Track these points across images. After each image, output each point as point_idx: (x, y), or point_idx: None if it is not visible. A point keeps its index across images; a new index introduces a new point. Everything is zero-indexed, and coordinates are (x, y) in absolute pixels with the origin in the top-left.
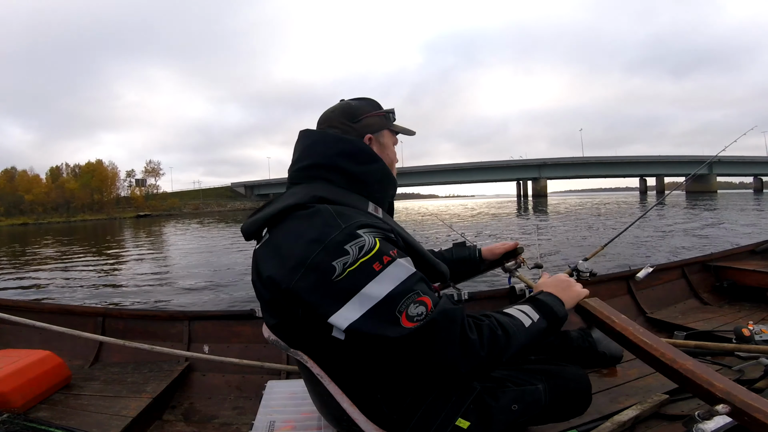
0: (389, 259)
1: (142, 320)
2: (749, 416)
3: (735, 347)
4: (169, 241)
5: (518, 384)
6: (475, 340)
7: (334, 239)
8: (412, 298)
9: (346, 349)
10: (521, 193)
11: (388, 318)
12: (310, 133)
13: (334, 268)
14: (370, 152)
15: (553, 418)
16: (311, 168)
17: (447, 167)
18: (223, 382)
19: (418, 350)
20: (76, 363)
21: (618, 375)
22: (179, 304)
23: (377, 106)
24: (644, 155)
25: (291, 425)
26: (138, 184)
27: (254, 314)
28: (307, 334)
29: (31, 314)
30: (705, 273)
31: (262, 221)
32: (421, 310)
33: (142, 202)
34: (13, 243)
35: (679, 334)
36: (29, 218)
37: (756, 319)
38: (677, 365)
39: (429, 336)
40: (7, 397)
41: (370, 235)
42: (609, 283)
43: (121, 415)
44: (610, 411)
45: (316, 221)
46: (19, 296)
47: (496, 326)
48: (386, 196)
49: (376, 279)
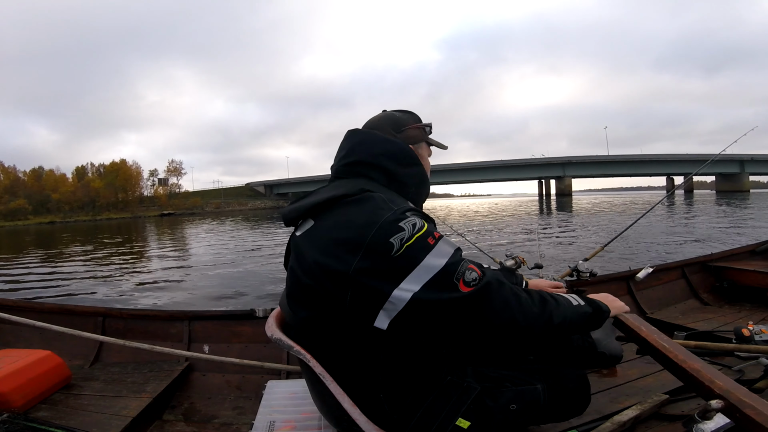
0: (439, 235)
1: (143, 320)
2: (741, 413)
3: (735, 347)
4: (199, 241)
5: (517, 384)
6: (527, 299)
7: (387, 219)
8: (465, 265)
9: (372, 344)
10: (543, 192)
11: (448, 286)
12: (358, 132)
13: (392, 245)
14: (413, 155)
15: (553, 417)
16: (356, 164)
17: (468, 166)
18: (223, 382)
19: (479, 310)
20: (76, 363)
21: (618, 375)
22: (197, 302)
23: (418, 119)
24: (672, 153)
25: (291, 425)
26: (161, 183)
27: (254, 314)
28: (335, 326)
29: (31, 314)
30: (705, 273)
31: (307, 208)
32: (474, 276)
33: (165, 201)
34: (45, 240)
35: (679, 335)
36: (56, 216)
37: (756, 320)
38: (687, 365)
39: (487, 296)
40: (7, 397)
41: (418, 217)
42: (609, 283)
43: (121, 415)
44: (610, 411)
45: (368, 206)
46: (43, 291)
47: (546, 294)
48: (420, 199)
49: (432, 252)
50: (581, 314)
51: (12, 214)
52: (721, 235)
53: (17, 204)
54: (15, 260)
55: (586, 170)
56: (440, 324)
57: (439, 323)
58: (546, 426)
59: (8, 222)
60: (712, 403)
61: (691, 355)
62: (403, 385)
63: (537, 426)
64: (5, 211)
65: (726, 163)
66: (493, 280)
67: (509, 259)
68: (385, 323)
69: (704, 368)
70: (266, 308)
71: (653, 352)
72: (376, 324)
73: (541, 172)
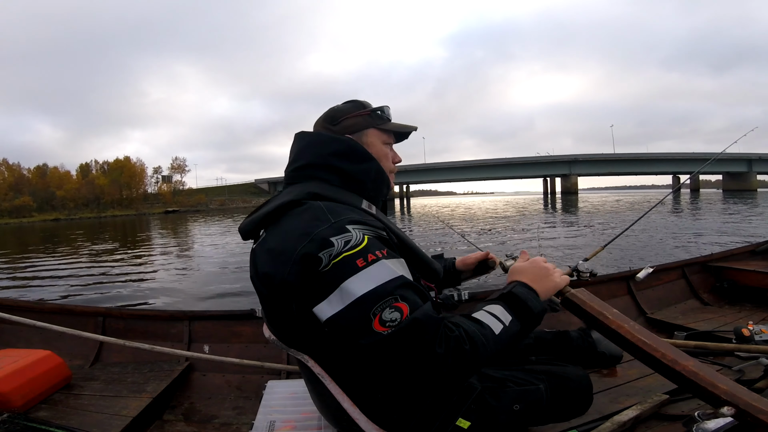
0: (374, 258)
1: (143, 320)
2: (753, 418)
3: (735, 347)
4: (201, 238)
5: (519, 384)
6: (441, 356)
7: (321, 232)
8: (389, 302)
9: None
10: (548, 190)
11: (362, 318)
12: (305, 135)
13: (320, 260)
14: (363, 151)
15: (554, 418)
16: (306, 168)
17: (474, 163)
18: (224, 382)
19: (386, 356)
20: (76, 363)
21: (618, 375)
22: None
23: (361, 106)
24: (679, 152)
25: (291, 425)
26: (164, 180)
27: (254, 314)
28: (303, 331)
29: (32, 314)
30: (705, 273)
31: (259, 220)
32: (395, 317)
33: (170, 198)
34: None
35: (680, 335)
36: (61, 214)
37: (756, 320)
38: (679, 366)
39: (397, 345)
40: (8, 397)
41: (359, 231)
42: (609, 283)
43: (121, 415)
44: (611, 411)
45: (306, 216)
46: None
47: (465, 339)
48: (379, 195)
49: (357, 275)
50: (507, 338)
51: (17, 211)
52: (724, 235)
53: (22, 201)
54: (19, 260)
55: (592, 168)
56: (358, 354)
57: (350, 352)
58: (546, 426)
59: (13, 219)
60: (723, 410)
61: (682, 354)
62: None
63: (538, 426)
64: (10, 208)
65: (733, 162)
66: (412, 328)
67: (509, 259)
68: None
69: (699, 368)
70: None
71: (612, 335)
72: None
73: (547, 170)
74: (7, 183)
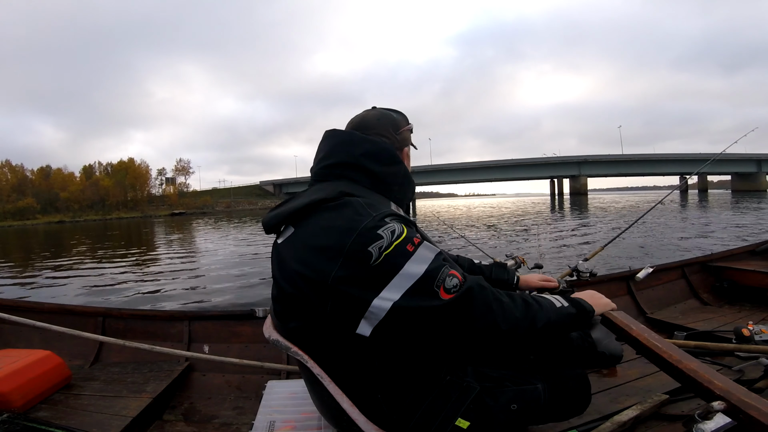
0: (418, 240)
1: (143, 320)
2: (744, 414)
3: (735, 347)
4: (207, 240)
5: (517, 383)
6: (509, 303)
7: (366, 225)
8: (446, 271)
9: (364, 347)
10: (555, 192)
11: (429, 293)
12: (337, 133)
13: (371, 254)
14: (394, 154)
15: (553, 417)
16: (336, 166)
17: (480, 164)
18: (223, 382)
19: (460, 316)
20: (76, 363)
21: (618, 375)
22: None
23: (406, 120)
24: (687, 153)
25: (291, 425)
26: (168, 182)
27: (254, 314)
28: (324, 332)
29: (32, 314)
30: (705, 273)
31: (286, 215)
32: (455, 282)
33: (176, 200)
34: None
35: (679, 335)
36: (65, 216)
37: (756, 319)
38: (682, 365)
39: (468, 303)
40: (7, 397)
41: (397, 223)
42: (609, 283)
43: (121, 415)
44: (610, 411)
45: (347, 212)
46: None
47: (528, 297)
48: (405, 198)
49: (411, 259)
50: (564, 315)
51: (20, 213)
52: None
53: (25, 203)
54: (22, 268)
55: (601, 169)
56: (423, 330)
57: (421, 329)
58: (546, 426)
59: (17, 221)
60: (714, 405)
61: (686, 355)
62: (402, 386)
63: (537, 426)
64: (13, 209)
65: (742, 163)
66: (475, 285)
67: (509, 259)
68: (368, 331)
69: (700, 368)
70: (266, 308)
71: (646, 352)
72: (358, 331)
73: (555, 170)
74: (10, 184)
